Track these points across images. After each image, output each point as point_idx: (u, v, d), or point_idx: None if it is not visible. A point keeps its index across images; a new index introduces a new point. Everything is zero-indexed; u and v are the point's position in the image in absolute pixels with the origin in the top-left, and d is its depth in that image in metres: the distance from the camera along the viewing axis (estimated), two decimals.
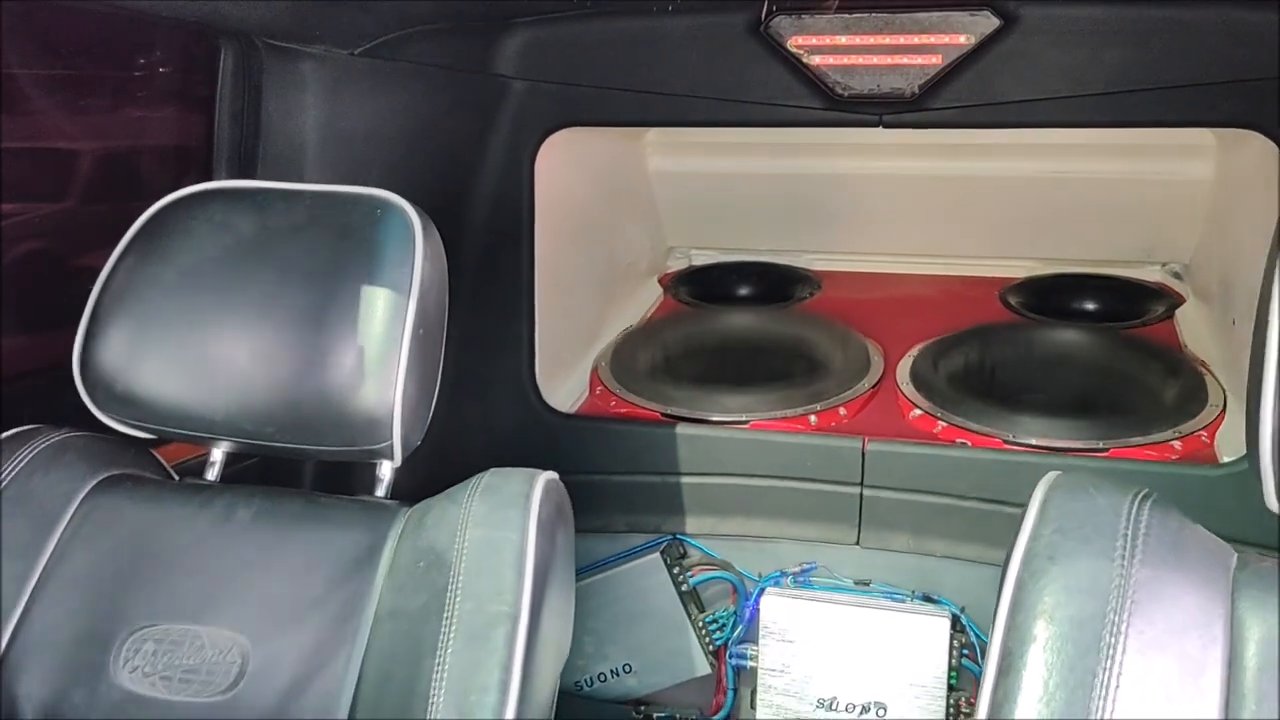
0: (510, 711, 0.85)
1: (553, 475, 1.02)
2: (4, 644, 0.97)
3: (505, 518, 0.94)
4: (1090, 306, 2.19)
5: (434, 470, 1.10)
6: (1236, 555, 0.74)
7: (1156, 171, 2.05)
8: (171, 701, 0.93)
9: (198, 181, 1.15)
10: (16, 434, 1.09)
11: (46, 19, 1.49)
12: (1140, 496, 0.74)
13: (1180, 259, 2.21)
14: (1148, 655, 0.67)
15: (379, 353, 0.98)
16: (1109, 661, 0.67)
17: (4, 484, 1.04)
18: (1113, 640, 0.67)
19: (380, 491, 1.09)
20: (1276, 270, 0.70)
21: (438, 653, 0.88)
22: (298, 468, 1.45)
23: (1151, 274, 2.24)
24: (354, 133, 1.49)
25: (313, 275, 1.01)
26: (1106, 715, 0.65)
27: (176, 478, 1.17)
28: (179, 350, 1.02)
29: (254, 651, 0.95)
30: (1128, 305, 2.14)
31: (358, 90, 1.48)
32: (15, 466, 1.05)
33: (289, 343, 1.00)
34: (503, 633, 0.88)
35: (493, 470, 1.01)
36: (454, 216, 1.69)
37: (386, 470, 1.09)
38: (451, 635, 0.88)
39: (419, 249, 1.02)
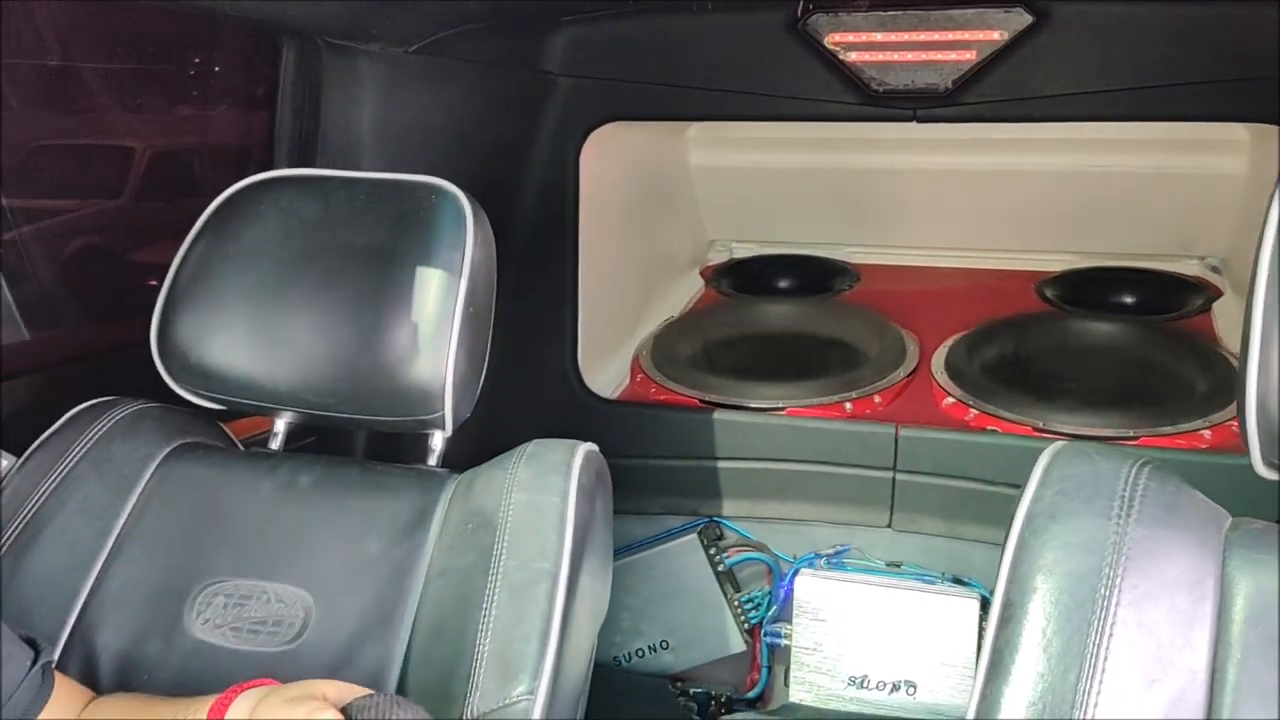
0: (550, 660, 0.91)
1: (592, 446, 1.08)
2: (84, 598, 1.05)
3: (548, 483, 1.01)
4: (1126, 299, 2.21)
5: (483, 445, 1.16)
6: (1231, 518, 0.79)
7: (1193, 166, 2.07)
8: (240, 650, 1.00)
9: (259, 172, 1.23)
10: (96, 404, 1.17)
11: (121, 18, 1.58)
12: (1140, 462, 0.79)
13: (1218, 253, 2.22)
14: (1140, 608, 0.71)
15: (432, 329, 1.05)
16: (1103, 613, 0.72)
17: (85, 449, 1.12)
18: (1107, 593, 0.72)
19: (432, 460, 1.16)
20: (1265, 232, 0.74)
21: (484, 606, 0.95)
22: (351, 441, 1.53)
23: (1189, 268, 2.25)
24: (407, 126, 1.56)
25: (371, 257, 1.08)
26: (1100, 662, 0.70)
27: (242, 449, 1.25)
28: (247, 326, 1.09)
29: (316, 606, 1.02)
30: (1164, 298, 2.15)
31: (411, 86, 1.55)
32: (95, 433, 1.13)
33: (349, 320, 1.07)
34: (544, 588, 0.94)
35: (537, 440, 1.07)
36: (501, 207, 1.75)
37: (438, 440, 1.16)
38: (497, 590, 0.95)
39: (470, 232, 1.08)
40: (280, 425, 1.19)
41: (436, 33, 1.52)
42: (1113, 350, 2.00)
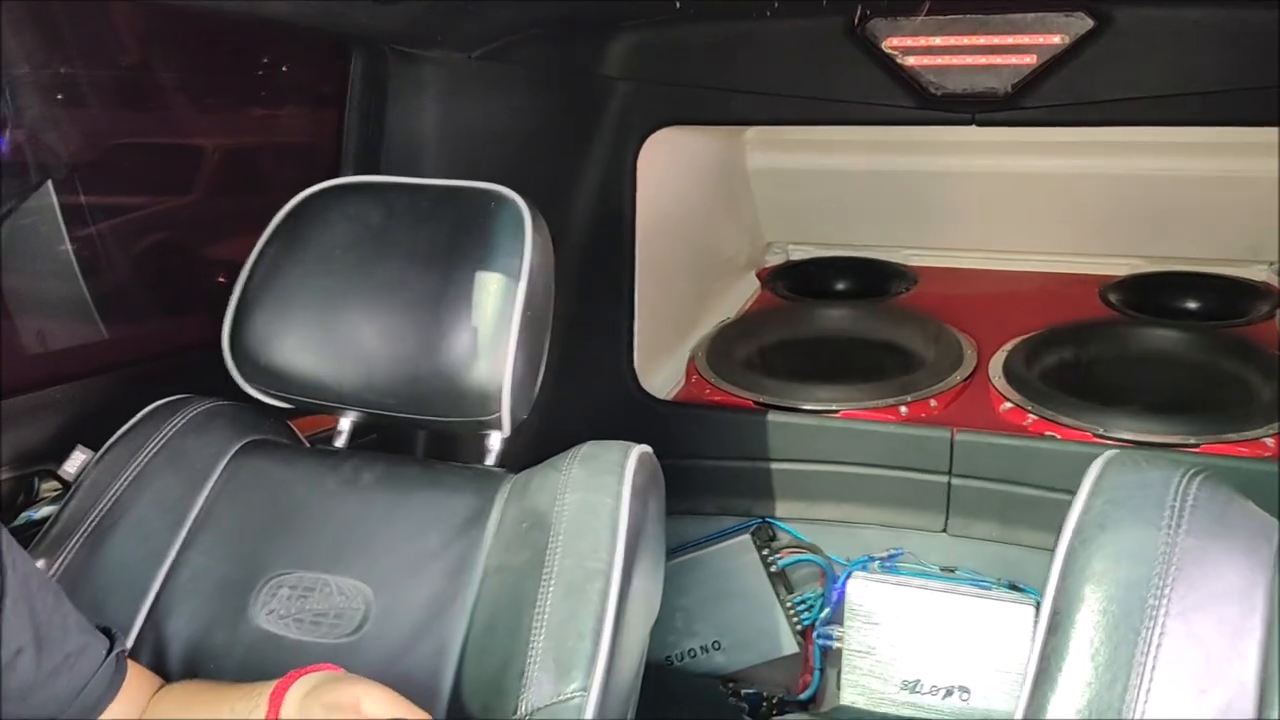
0: (603, 658, 0.93)
1: (646, 448, 1.10)
2: (158, 587, 1.09)
3: (602, 483, 1.03)
4: (1191, 305, 2.18)
5: (538, 446, 1.19)
6: None
7: (1260, 169, 2.02)
8: (303, 641, 1.04)
9: (327, 175, 1.26)
10: (170, 402, 1.22)
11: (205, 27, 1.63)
12: (1191, 472, 0.79)
13: None
14: (1189, 619, 0.71)
15: (491, 333, 1.08)
16: (1152, 623, 0.72)
17: (160, 444, 1.16)
18: (1156, 604, 0.72)
19: (490, 460, 1.18)
20: None
21: (538, 603, 0.97)
22: (412, 440, 1.56)
23: (1257, 273, 2.21)
24: (469, 130, 1.59)
25: (433, 261, 1.11)
26: (1149, 671, 0.71)
27: (309, 446, 1.29)
28: (315, 328, 1.13)
29: (377, 599, 1.05)
30: (1230, 304, 2.12)
31: (473, 91, 1.59)
32: (170, 430, 1.18)
33: (411, 323, 1.10)
34: (597, 587, 0.96)
35: (591, 442, 1.09)
36: (560, 209, 1.78)
37: (496, 440, 1.18)
38: (551, 588, 0.97)
39: (529, 239, 1.11)
40: (345, 424, 1.22)
41: (499, 39, 1.55)
42: (1176, 357, 1.98)
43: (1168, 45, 1.51)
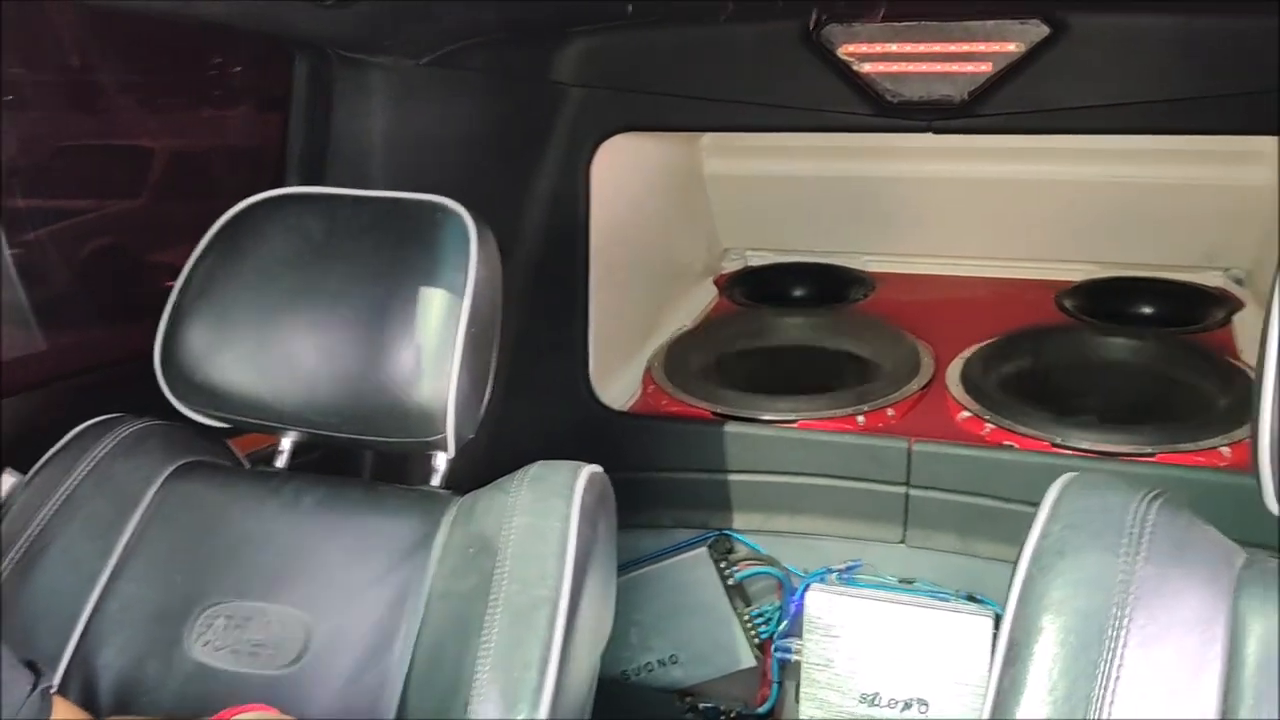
0: (549, 688, 0.90)
1: (597, 468, 1.07)
2: (87, 617, 1.04)
3: (550, 507, 1.00)
4: (1147, 311, 2.18)
5: (490, 463, 1.16)
6: (1245, 555, 0.77)
7: (1217, 176, 2.03)
8: (240, 673, 1.00)
9: (273, 183, 1.22)
10: (100, 422, 1.17)
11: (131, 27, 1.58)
12: (1150, 496, 0.77)
13: (1241, 264, 2.19)
14: (1149, 649, 0.70)
15: (435, 350, 1.04)
16: (1111, 655, 0.70)
17: (89, 467, 1.12)
18: (1115, 634, 0.70)
19: (435, 481, 1.15)
20: (1278, 282, 0.72)
21: (484, 631, 0.94)
22: (358, 459, 1.52)
23: (1212, 279, 2.22)
24: (418, 138, 1.55)
25: (376, 276, 1.08)
26: (1106, 706, 0.69)
27: (248, 466, 1.25)
28: (252, 345, 1.09)
29: (317, 628, 1.01)
30: (1185, 310, 2.12)
31: (423, 98, 1.55)
32: (100, 451, 1.13)
33: (353, 339, 1.06)
34: (545, 614, 0.93)
35: (540, 462, 1.06)
36: (511, 218, 1.75)
37: (441, 461, 1.15)
38: (497, 615, 0.94)
39: (474, 253, 1.07)
40: (286, 443, 1.19)
41: (448, 44, 1.51)
42: (1133, 364, 1.98)
43: (1123, 53, 1.50)
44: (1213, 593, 0.72)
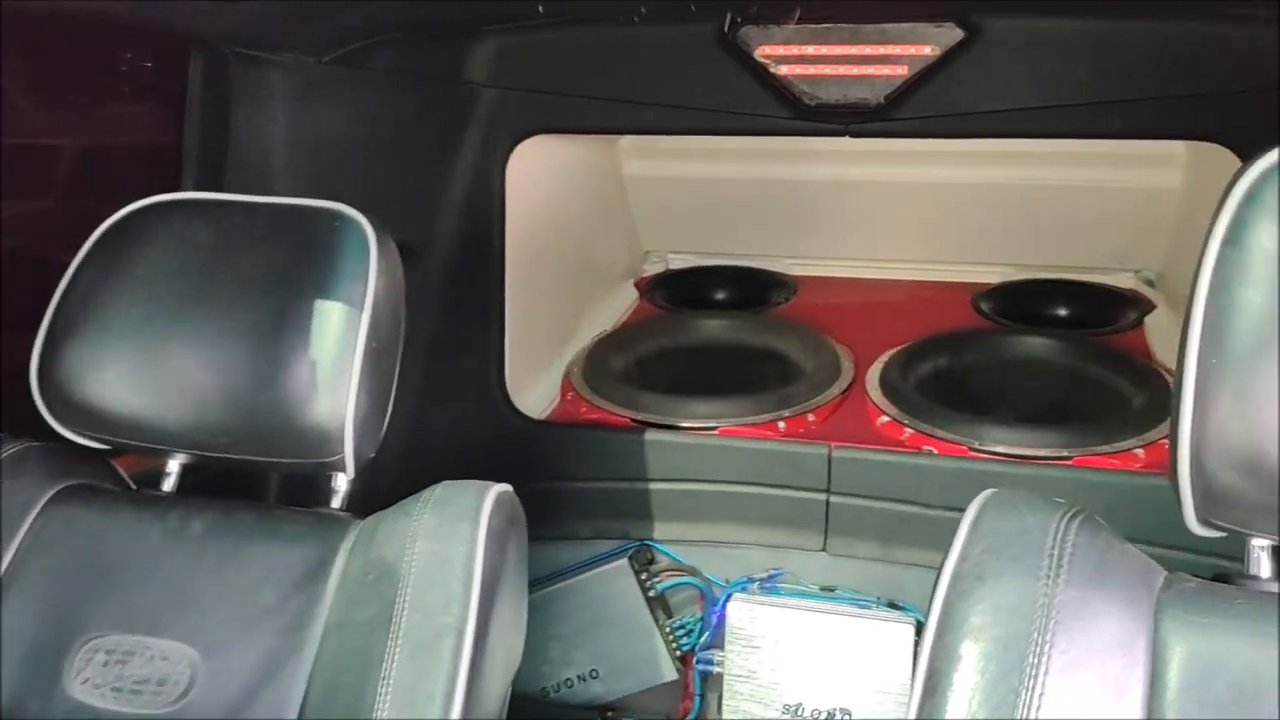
0: None
1: (505, 487, 1.03)
2: None
3: (455, 531, 0.95)
4: (1062, 312, 2.20)
5: (403, 477, 1.11)
6: (1164, 575, 0.75)
7: (1129, 179, 2.06)
8: (121, 713, 0.94)
9: (167, 188, 1.15)
10: None
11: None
12: (1070, 515, 0.76)
13: (1153, 266, 2.22)
14: (1070, 675, 0.68)
15: (331, 366, 0.99)
16: (1031, 681, 0.68)
17: None
18: (1036, 660, 0.68)
19: (335, 503, 1.09)
20: (1196, 289, 0.71)
21: (385, 664, 0.89)
22: (263, 478, 1.46)
23: (1125, 280, 2.25)
24: (323, 140, 1.49)
25: (268, 288, 1.02)
26: None
27: (135, 488, 1.18)
28: (135, 361, 1.02)
29: (204, 663, 0.95)
30: (1099, 312, 2.15)
31: (327, 98, 1.49)
32: None
33: (243, 355, 1.00)
34: (449, 644, 0.89)
35: (445, 483, 1.01)
36: (424, 223, 1.69)
37: (341, 482, 1.09)
38: (398, 647, 0.89)
39: (374, 263, 1.02)
40: (174, 465, 1.12)
41: (352, 42, 1.46)
42: (1048, 365, 1.99)
43: (1037, 57, 1.50)
44: (1133, 615, 0.70)
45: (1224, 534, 0.73)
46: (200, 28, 1.31)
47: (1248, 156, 1.28)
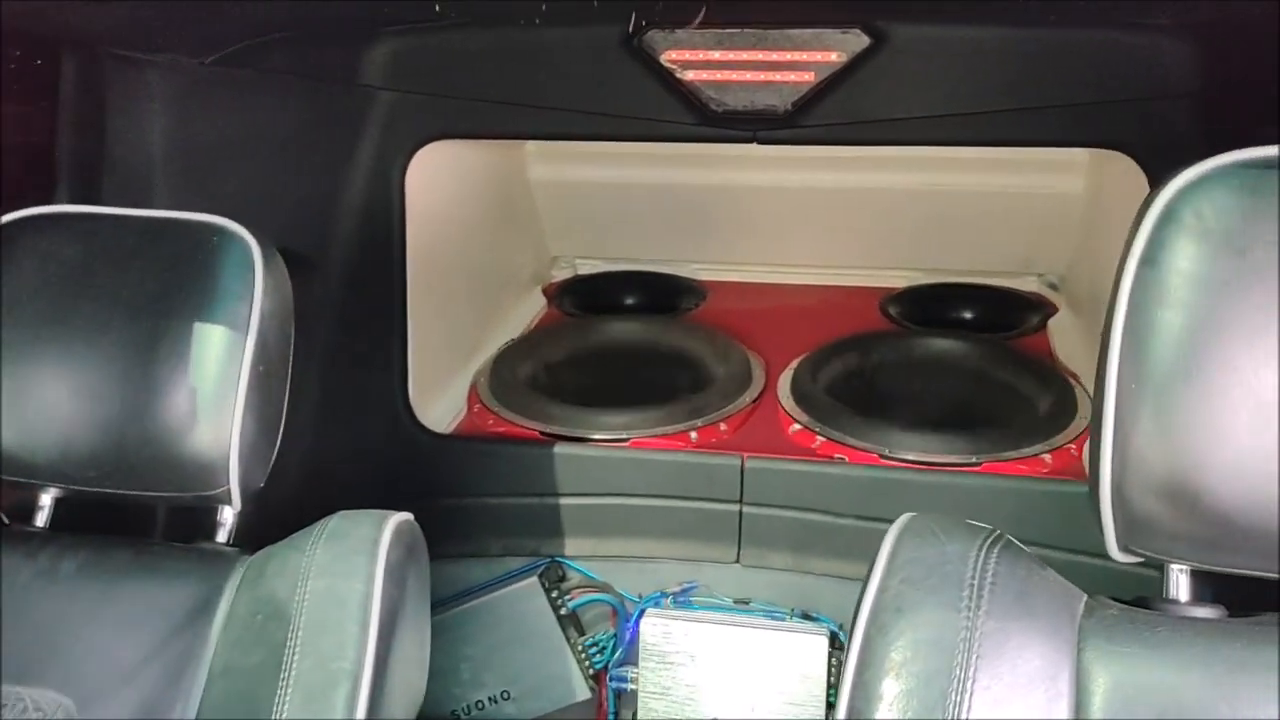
0: None
1: (405, 516, 0.97)
2: None
3: (351, 566, 0.90)
4: (968, 316, 2.22)
5: (301, 501, 1.05)
6: (1084, 600, 0.74)
7: (1032, 185, 2.08)
8: None
9: (39, 200, 1.07)
10: None
11: None
12: (989, 542, 0.74)
13: (1056, 270, 2.26)
14: (993, 711, 0.66)
15: (214, 393, 0.93)
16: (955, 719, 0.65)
17: None
18: (959, 697, 0.66)
19: (221, 537, 1.03)
20: (1113, 315, 0.69)
21: (274, 714, 0.83)
22: (149, 510, 1.37)
23: (1029, 284, 2.28)
24: (208, 147, 1.42)
25: (141, 309, 0.95)
26: None
27: (6, 522, 1.09)
28: None
29: (80, 713, 0.88)
30: (1004, 315, 2.17)
31: (210, 102, 1.42)
32: None
33: (114, 382, 0.93)
34: (343, 693, 0.83)
35: (340, 514, 0.96)
36: (319, 232, 1.62)
37: (228, 515, 1.03)
38: (288, 695, 0.83)
39: (259, 281, 0.96)
40: (46, 499, 1.04)
41: (237, 42, 1.38)
42: (955, 369, 2.00)
43: (944, 65, 1.49)
44: (1055, 646, 0.68)
45: (1143, 559, 0.72)
46: (67, 26, 1.22)
47: (1149, 165, 1.29)
